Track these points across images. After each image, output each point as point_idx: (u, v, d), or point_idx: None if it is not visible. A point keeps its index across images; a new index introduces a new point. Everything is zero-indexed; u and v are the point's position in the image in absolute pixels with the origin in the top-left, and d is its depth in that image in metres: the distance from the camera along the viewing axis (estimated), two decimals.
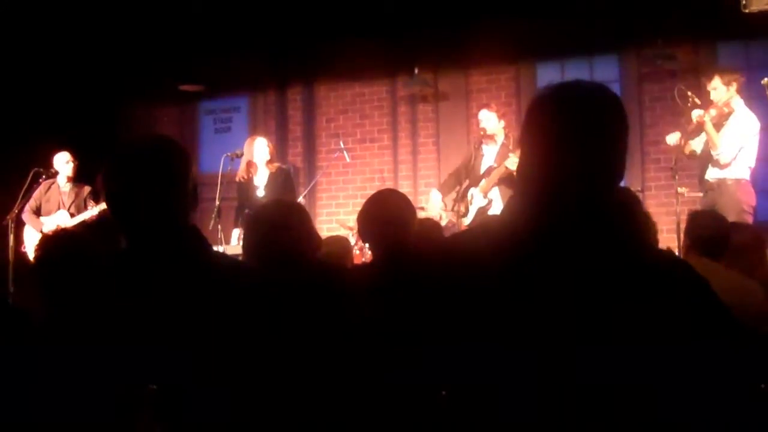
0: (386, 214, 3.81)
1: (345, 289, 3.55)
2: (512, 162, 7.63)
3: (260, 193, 8.16)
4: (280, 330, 2.38)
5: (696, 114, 7.19)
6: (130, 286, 2.22)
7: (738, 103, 7.26)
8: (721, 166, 7.17)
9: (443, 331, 1.96)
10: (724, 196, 7.12)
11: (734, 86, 7.25)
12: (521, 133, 2.05)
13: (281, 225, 3.49)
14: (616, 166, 1.98)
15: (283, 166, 8.67)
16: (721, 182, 7.19)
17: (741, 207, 7.05)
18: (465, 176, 8.23)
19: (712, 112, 7.17)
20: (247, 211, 7.97)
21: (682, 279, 1.95)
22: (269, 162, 8.25)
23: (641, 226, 3.36)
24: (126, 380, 2.08)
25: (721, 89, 7.26)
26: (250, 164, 8.21)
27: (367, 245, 8.54)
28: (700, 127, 7.23)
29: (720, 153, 7.12)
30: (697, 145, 7.50)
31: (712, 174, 7.29)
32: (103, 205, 8.61)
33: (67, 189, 8.92)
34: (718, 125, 7.20)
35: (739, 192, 7.14)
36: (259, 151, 8.23)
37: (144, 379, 2.07)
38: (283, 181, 8.26)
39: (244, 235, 3.73)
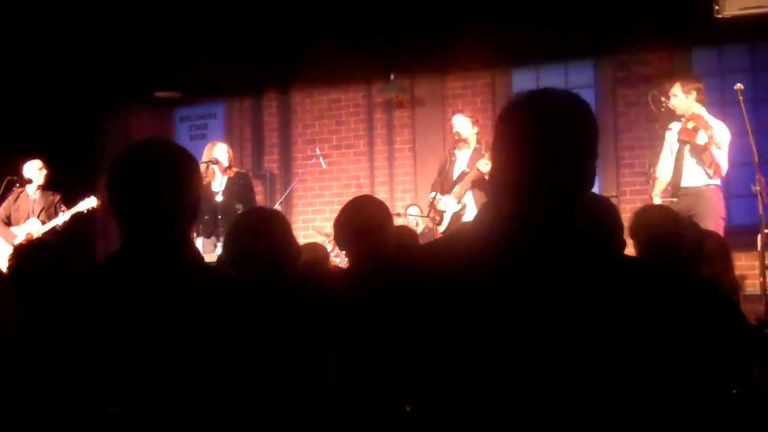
0: (362, 221, 3.80)
1: (325, 298, 3.55)
2: (484, 164, 7.64)
3: (219, 198, 8.07)
4: (260, 339, 2.38)
5: (703, 139, 7.10)
6: (111, 293, 2.21)
7: (703, 112, 7.29)
8: (711, 176, 7.17)
9: (418, 338, 1.96)
10: (702, 201, 7.13)
11: (693, 95, 7.29)
12: (493, 140, 2.07)
13: (261, 234, 3.47)
14: (586, 174, 2.00)
15: (242, 171, 8.56)
16: (697, 189, 7.22)
17: (718, 213, 7.10)
18: (440, 183, 8.21)
19: (710, 132, 7.12)
20: (206, 217, 7.93)
21: (657, 281, 1.97)
22: (228, 168, 8.16)
23: (612, 233, 3.38)
24: (109, 389, 2.08)
25: (680, 97, 7.32)
26: (207, 168, 8.10)
27: (344, 252, 8.60)
28: (704, 152, 7.15)
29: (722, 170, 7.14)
30: (665, 169, 7.52)
31: (689, 181, 7.29)
32: (76, 208, 8.55)
33: (37, 197, 8.83)
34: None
35: (715, 198, 7.18)
36: (218, 156, 8.16)
37: (125, 388, 2.07)
38: (243, 185, 8.18)
39: (224, 244, 3.71)
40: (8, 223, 8.77)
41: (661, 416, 1.84)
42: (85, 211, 8.57)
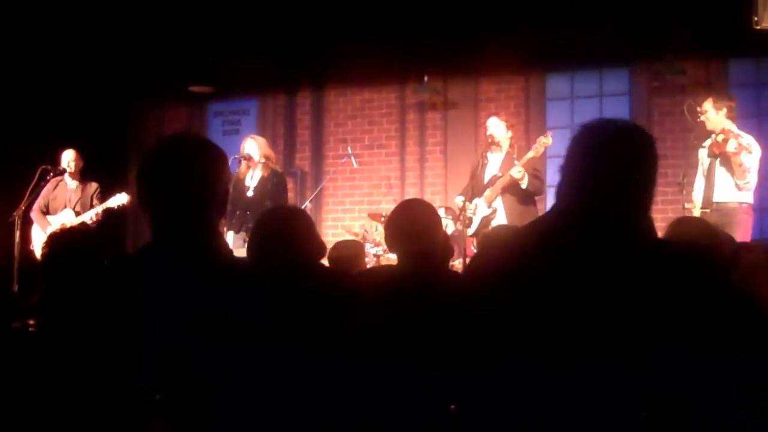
0: (411, 224, 3.79)
1: (348, 296, 3.55)
2: (517, 171, 7.63)
3: (250, 193, 8.07)
4: (282, 334, 2.38)
5: (733, 145, 7.03)
6: (139, 285, 2.23)
7: (733, 127, 7.23)
8: (742, 188, 7.10)
9: (453, 343, 1.99)
10: (731, 216, 7.07)
11: (724, 111, 7.24)
12: (563, 164, 2.23)
13: (284, 231, 3.48)
14: (644, 199, 2.10)
15: (276, 169, 8.45)
16: (728, 205, 7.15)
17: (747, 231, 7.04)
18: (471, 186, 8.18)
19: (739, 139, 7.06)
20: (237, 212, 7.94)
21: (691, 289, 2.00)
22: (262, 163, 8.14)
23: None
24: (136, 379, 2.10)
25: (711, 113, 7.27)
26: (250, 161, 8.14)
27: (376, 252, 8.60)
28: (733, 157, 7.08)
29: (748, 182, 7.06)
30: (699, 190, 7.46)
31: (720, 196, 7.23)
32: (107, 204, 8.63)
33: (74, 187, 8.93)
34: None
35: (746, 217, 7.12)
36: (249, 151, 8.17)
37: (152, 377, 2.08)
38: (276, 183, 8.12)
39: (249, 240, 3.73)
40: (46, 211, 8.86)
41: (693, 426, 1.85)
42: (116, 207, 8.64)
